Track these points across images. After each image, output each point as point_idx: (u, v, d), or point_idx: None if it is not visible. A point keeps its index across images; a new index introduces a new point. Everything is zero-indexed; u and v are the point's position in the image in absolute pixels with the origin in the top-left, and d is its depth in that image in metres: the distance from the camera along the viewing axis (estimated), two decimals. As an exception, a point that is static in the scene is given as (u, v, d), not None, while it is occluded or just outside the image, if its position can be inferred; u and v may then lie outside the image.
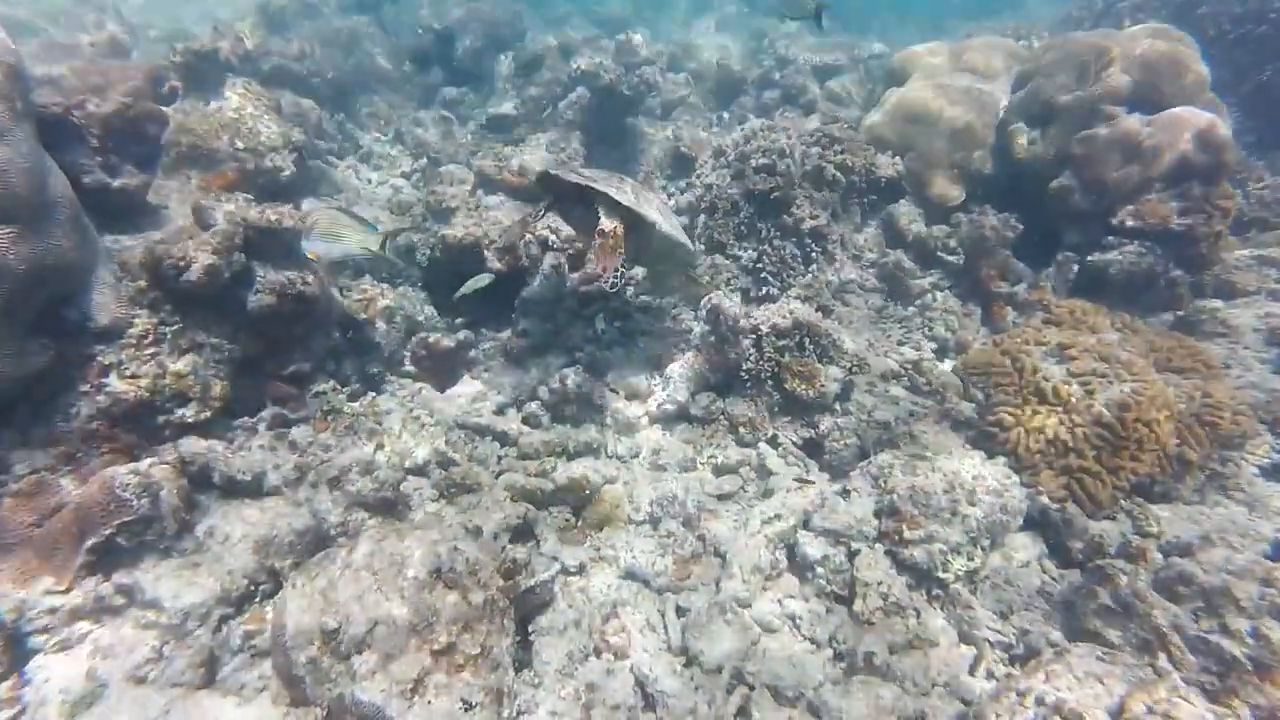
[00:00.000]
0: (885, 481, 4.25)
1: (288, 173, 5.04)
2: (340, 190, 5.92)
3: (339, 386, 4.97)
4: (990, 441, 4.50)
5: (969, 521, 4.02)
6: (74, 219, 3.59)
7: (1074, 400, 4.31)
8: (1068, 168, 5.21)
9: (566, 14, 11.95)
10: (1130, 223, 4.98)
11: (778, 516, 4.20)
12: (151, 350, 3.97)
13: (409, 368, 5.32)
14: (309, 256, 4.27)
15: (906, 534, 4.00)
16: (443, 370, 5.30)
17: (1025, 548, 4.19)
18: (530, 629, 3.68)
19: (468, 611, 3.24)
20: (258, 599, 3.75)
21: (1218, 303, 5.17)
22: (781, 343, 4.82)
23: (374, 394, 5.09)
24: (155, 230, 4.32)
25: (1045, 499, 4.23)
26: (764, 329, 4.85)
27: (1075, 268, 5.29)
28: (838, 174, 5.51)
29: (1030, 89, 5.53)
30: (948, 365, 5.20)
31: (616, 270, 4.37)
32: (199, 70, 5.19)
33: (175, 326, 4.06)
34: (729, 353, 4.88)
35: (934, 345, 5.38)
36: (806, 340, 4.81)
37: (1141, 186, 4.92)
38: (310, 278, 4.53)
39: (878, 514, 4.18)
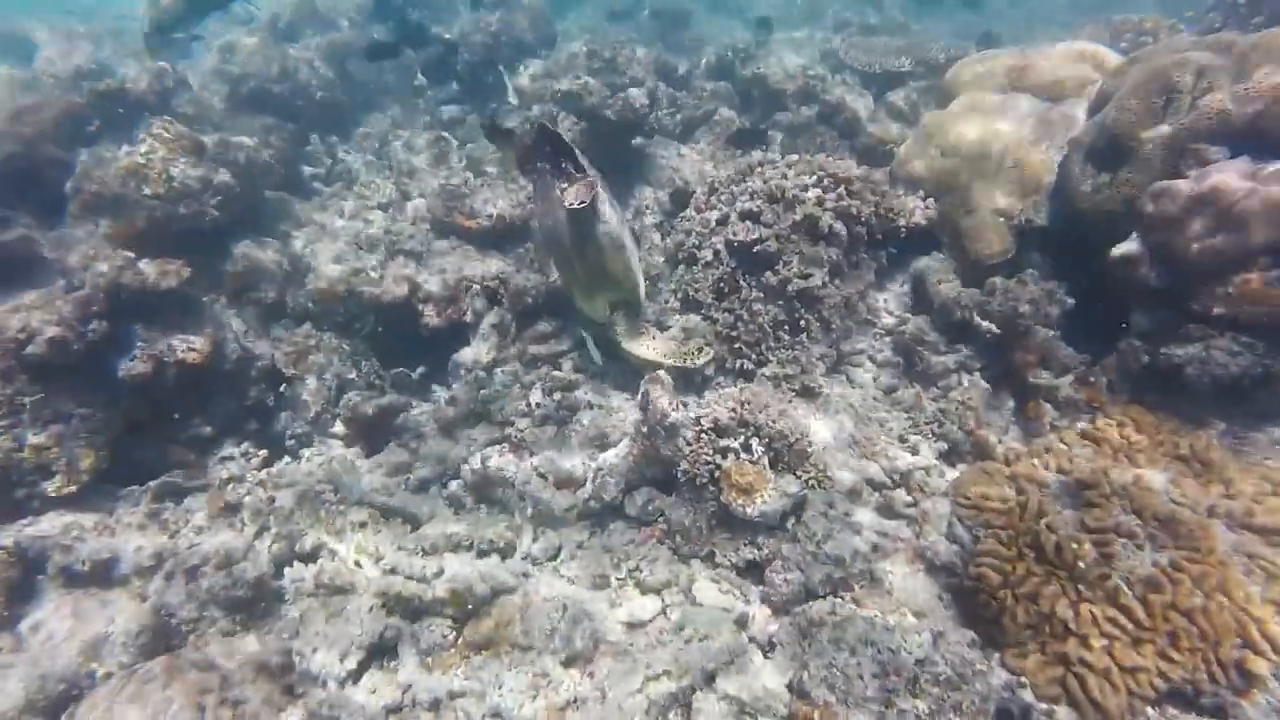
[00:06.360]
0: (809, 646, 3.33)
1: (209, 218, 4.71)
2: (302, 225, 5.58)
3: (252, 451, 4.64)
4: (970, 600, 3.42)
5: (906, 717, 3.03)
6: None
7: (1083, 566, 3.15)
8: (1137, 228, 3.88)
9: (629, 8, 10.94)
10: (1219, 310, 3.62)
11: (667, 673, 3.38)
12: (5, 423, 3.76)
13: (338, 429, 4.89)
14: None
15: (819, 725, 3.08)
16: (371, 435, 4.82)
17: (1000, 755, 3.12)
18: (330, 794, 3.13)
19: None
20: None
21: (1356, 422, 3.71)
22: (723, 442, 3.93)
23: (289, 460, 4.71)
24: (46, 286, 4.10)
25: (1029, 695, 3.14)
26: (704, 423, 3.98)
27: (1145, 360, 3.97)
28: (835, 225, 4.44)
29: (1101, 117, 4.19)
30: (953, 477, 4.09)
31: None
32: (111, 111, 4.98)
33: (35, 397, 3.82)
34: (662, 449, 4.06)
35: (943, 446, 4.25)
36: (754, 441, 3.89)
37: (1236, 262, 3.54)
38: (198, 341, 4.18)
39: (790, 687, 3.28)
